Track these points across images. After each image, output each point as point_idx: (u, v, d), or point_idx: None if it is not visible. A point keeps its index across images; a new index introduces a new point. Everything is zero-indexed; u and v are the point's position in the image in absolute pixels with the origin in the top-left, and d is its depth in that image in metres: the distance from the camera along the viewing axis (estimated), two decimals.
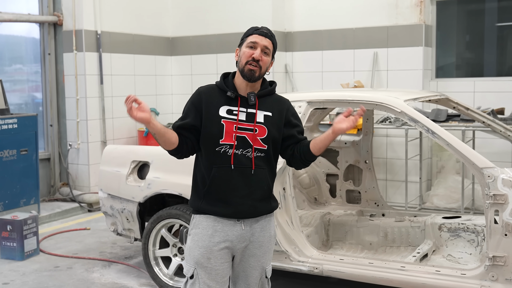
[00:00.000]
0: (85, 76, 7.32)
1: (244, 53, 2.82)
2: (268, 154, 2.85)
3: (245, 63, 2.80)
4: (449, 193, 6.57)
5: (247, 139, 2.80)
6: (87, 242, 5.92)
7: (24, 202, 6.49)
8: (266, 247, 2.91)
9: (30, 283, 4.78)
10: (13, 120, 6.37)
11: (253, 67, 2.79)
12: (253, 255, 2.88)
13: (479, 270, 3.53)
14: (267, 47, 2.82)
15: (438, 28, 7.10)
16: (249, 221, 2.84)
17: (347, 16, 7.29)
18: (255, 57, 2.78)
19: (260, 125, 2.83)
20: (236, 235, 2.82)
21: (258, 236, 2.87)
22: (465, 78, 6.97)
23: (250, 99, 2.83)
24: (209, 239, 2.81)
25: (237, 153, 2.78)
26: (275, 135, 2.86)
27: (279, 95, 3.01)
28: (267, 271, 2.96)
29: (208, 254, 2.80)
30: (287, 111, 2.95)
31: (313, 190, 5.54)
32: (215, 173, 2.79)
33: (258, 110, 2.84)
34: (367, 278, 3.88)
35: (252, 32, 2.85)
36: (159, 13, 8.31)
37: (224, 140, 2.79)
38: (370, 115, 5.32)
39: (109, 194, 4.82)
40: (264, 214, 2.89)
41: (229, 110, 2.82)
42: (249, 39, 2.83)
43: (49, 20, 7.44)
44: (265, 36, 2.83)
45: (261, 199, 2.85)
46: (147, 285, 4.69)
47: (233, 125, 2.80)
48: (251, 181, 2.81)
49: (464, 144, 3.62)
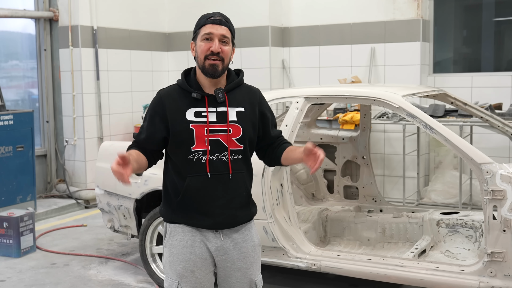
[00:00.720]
0: (81, 72, 7.29)
1: (200, 47, 2.53)
2: (245, 155, 2.61)
3: (204, 58, 2.52)
4: (447, 188, 6.56)
5: (221, 142, 2.54)
6: (84, 239, 5.90)
7: (21, 199, 6.47)
8: (252, 258, 2.66)
9: (26, 280, 4.76)
10: (9, 116, 6.34)
11: (214, 61, 2.51)
12: (239, 269, 2.63)
13: (478, 266, 3.52)
14: (224, 35, 2.53)
15: (435, 23, 7.08)
16: (228, 231, 2.60)
17: (344, 11, 7.27)
18: (214, 50, 2.50)
19: (234, 124, 2.57)
20: (216, 247, 2.59)
21: (240, 247, 2.62)
22: (463, 73, 6.96)
23: (219, 96, 2.55)
24: (189, 251, 2.58)
25: (212, 158, 2.53)
26: (250, 133, 2.62)
27: (248, 85, 2.74)
28: (257, 283, 2.70)
29: (191, 267, 2.58)
30: (260, 104, 2.70)
31: (310, 186, 5.53)
32: (189, 183, 2.54)
33: (229, 108, 2.57)
34: (365, 274, 3.86)
35: (205, 22, 2.54)
36: (155, 8, 8.28)
37: (196, 147, 2.52)
38: (368, 111, 5.30)
39: (105, 190, 4.80)
40: (244, 223, 2.65)
41: (197, 112, 2.54)
42: (202, 30, 2.54)
43: (44, 15, 7.41)
44: (220, 24, 2.53)
45: (240, 206, 2.62)
46: (144, 281, 4.67)
47: (204, 129, 2.52)
48: (229, 189, 2.57)
49: (462, 139, 3.61)
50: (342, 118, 6.39)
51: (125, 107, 7.87)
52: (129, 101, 7.94)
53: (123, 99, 7.85)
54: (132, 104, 7.99)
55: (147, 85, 8.21)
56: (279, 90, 4.81)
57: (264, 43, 7.47)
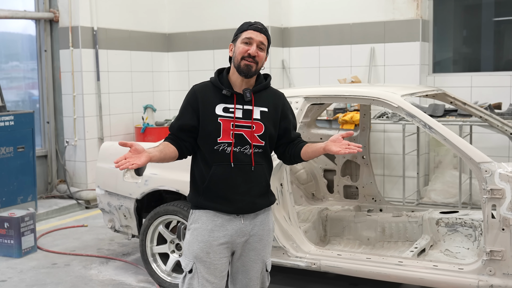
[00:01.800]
0: (82, 72, 7.30)
1: (239, 49, 2.82)
2: (265, 150, 2.88)
3: (240, 58, 2.80)
4: (447, 188, 6.57)
5: (244, 137, 2.82)
6: (84, 239, 5.91)
7: (21, 199, 6.48)
8: (266, 241, 2.94)
9: (27, 280, 4.77)
10: (10, 117, 6.35)
11: (250, 62, 2.79)
12: (254, 249, 2.90)
13: (477, 264, 3.54)
14: (262, 42, 2.83)
15: (435, 23, 7.09)
16: (249, 216, 2.87)
17: (343, 11, 7.28)
18: (251, 53, 2.79)
19: (257, 121, 2.84)
20: (236, 229, 2.84)
21: (258, 230, 2.89)
22: (462, 73, 6.97)
23: (246, 95, 2.83)
24: (208, 234, 2.82)
25: (235, 150, 2.80)
26: (271, 131, 2.89)
27: (274, 89, 3.02)
28: (267, 264, 2.98)
29: (207, 248, 2.81)
30: (283, 106, 2.98)
31: (310, 185, 5.54)
32: (214, 171, 2.81)
33: (254, 107, 2.85)
34: (364, 274, 3.88)
35: (247, 27, 2.84)
36: (155, 9, 8.29)
37: (222, 139, 2.79)
38: (367, 111, 5.31)
39: (106, 191, 4.81)
40: (263, 209, 2.92)
41: (225, 108, 2.83)
42: (244, 34, 2.83)
43: (45, 16, 7.42)
44: (260, 32, 2.83)
45: (259, 195, 2.88)
46: (145, 281, 4.68)
47: (230, 123, 2.80)
48: (250, 178, 2.83)
49: (461, 139, 3.62)
50: (342, 118, 6.41)
51: (125, 107, 7.88)
52: (129, 101, 7.95)
53: (124, 100, 7.87)
54: (133, 105, 8.00)
55: (147, 85, 8.23)
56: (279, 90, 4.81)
57: None
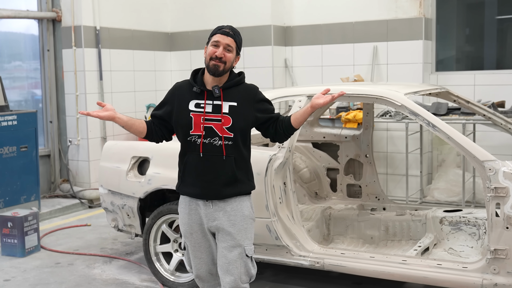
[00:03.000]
0: (84, 72, 7.31)
1: (208, 51, 3.13)
2: (235, 142, 3.14)
3: (209, 59, 3.11)
4: (450, 186, 6.56)
5: (213, 129, 3.12)
6: (88, 238, 5.92)
7: (25, 199, 6.49)
8: (240, 225, 3.16)
9: (31, 280, 4.78)
10: (13, 116, 6.36)
11: (217, 62, 3.09)
12: (228, 234, 3.14)
13: (481, 263, 3.53)
14: (229, 44, 3.12)
15: (438, 21, 7.08)
16: (217, 202, 3.16)
17: (346, 10, 7.27)
18: (217, 55, 3.09)
19: (226, 115, 3.12)
20: (205, 213, 3.17)
21: (229, 216, 3.15)
22: (465, 71, 6.96)
23: (215, 92, 3.12)
24: (187, 216, 3.22)
25: (205, 142, 3.12)
26: (240, 123, 3.14)
27: (247, 84, 3.26)
28: (246, 249, 3.16)
29: (190, 229, 3.23)
30: (255, 98, 3.22)
31: (313, 184, 5.54)
32: (187, 159, 3.18)
33: (223, 102, 3.14)
34: (368, 272, 3.87)
35: (216, 32, 3.15)
36: (157, 8, 8.29)
37: (193, 131, 3.13)
38: (370, 109, 5.30)
39: (109, 190, 4.81)
40: (232, 197, 3.16)
41: (197, 103, 3.15)
42: (213, 38, 3.14)
43: (47, 16, 7.42)
44: (227, 35, 3.12)
45: (226, 183, 3.14)
46: (148, 280, 4.69)
47: (201, 117, 3.12)
48: (217, 167, 3.12)
49: (464, 137, 3.62)
50: (345, 117, 6.40)
51: (128, 107, 7.88)
52: (132, 101, 7.96)
53: (126, 99, 7.87)
54: (135, 104, 8.00)
55: (150, 85, 8.23)
56: (282, 89, 4.82)
57: (267, 42, 7.48)
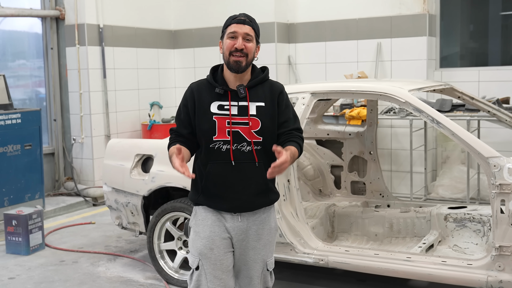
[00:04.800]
0: (88, 70, 7.31)
1: (226, 45, 2.77)
2: (264, 146, 2.79)
3: (229, 54, 2.75)
4: (455, 183, 6.54)
5: (241, 134, 2.76)
6: (92, 236, 5.93)
7: (29, 197, 6.50)
8: (266, 240, 2.88)
9: (36, 278, 4.79)
10: (17, 115, 6.37)
11: (238, 57, 2.74)
12: (253, 248, 2.85)
13: (486, 260, 3.52)
14: (248, 33, 2.76)
15: (442, 18, 7.05)
16: (246, 215, 2.82)
17: (350, 7, 7.25)
18: (237, 47, 2.73)
19: (253, 117, 2.78)
20: (233, 227, 2.81)
21: (256, 229, 2.84)
22: (470, 68, 6.94)
23: (240, 92, 2.77)
24: (209, 229, 2.81)
25: (233, 148, 2.75)
26: (269, 126, 2.81)
27: (272, 81, 2.94)
28: (268, 263, 2.91)
29: (210, 244, 2.79)
30: (279, 96, 2.88)
31: (317, 181, 5.53)
32: (210, 169, 2.78)
33: (250, 102, 2.79)
34: (372, 269, 3.86)
35: (230, 22, 2.79)
36: (161, 6, 8.29)
37: (217, 137, 2.75)
38: (374, 106, 5.29)
39: (113, 188, 4.81)
40: (262, 207, 2.86)
41: (220, 105, 2.78)
42: (228, 29, 2.78)
43: (51, 14, 7.43)
44: (244, 23, 2.76)
45: (257, 193, 2.81)
46: (152, 278, 4.69)
47: (226, 121, 2.75)
48: (248, 176, 2.78)
49: (469, 133, 3.60)
50: (349, 114, 6.39)
51: (132, 104, 7.89)
52: (135, 98, 7.96)
53: (130, 97, 7.87)
54: (139, 102, 8.01)
55: (153, 82, 8.23)
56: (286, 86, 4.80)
57: (270, 39, 7.47)
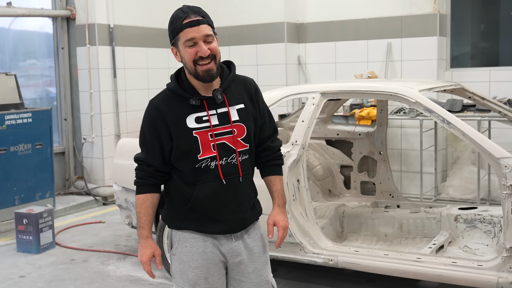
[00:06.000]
0: (98, 70, 7.34)
1: (187, 54, 2.37)
2: (251, 154, 2.52)
3: (193, 63, 2.37)
4: (465, 184, 6.51)
5: (227, 144, 2.42)
6: (102, 235, 5.95)
7: (40, 195, 6.53)
8: (264, 258, 2.59)
9: (46, 276, 4.81)
10: (28, 114, 6.41)
11: (206, 65, 2.36)
12: (254, 271, 2.53)
13: (496, 261, 3.50)
14: (207, 34, 2.37)
15: (452, 18, 7.02)
16: (239, 233, 2.51)
17: (359, 6, 7.23)
18: (203, 55, 2.35)
19: (237, 123, 2.44)
20: (228, 249, 2.49)
21: (252, 248, 2.54)
22: (481, 68, 6.90)
23: (218, 98, 2.40)
24: (201, 257, 2.46)
25: (222, 163, 2.41)
26: (253, 129, 2.51)
27: (241, 77, 2.58)
28: (273, 284, 2.62)
29: (204, 274, 2.46)
30: (256, 94, 2.56)
31: (327, 181, 5.52)
32: (199, 190, 2.42)
33: (229, 107, 2.44)
34: (382, 270, 3.85)
35: (181, 27, 2.37)
36: (170, 6, 8.18)
37: (203, 155, 2.39)
38: (384, 106, 5.27)
39: (123, 187, 4.83)
40: (252, 222, 2.58)
41: (198, 118, 2.40)
42: (182, 37, 2.38)
43: (62, 14, 7.47)
44: (199, 24, 2.36)
45: (250, 208, 2.55)
46: (162, 277, 4.70)
47: (208, 134, 2.39)
48: (240, 192, 2.47)
49: (480, 133, 3.58)
50: (359, 114, 6.37)
51: (141, 104, 7.89)
52: (145, 98, 7.97)
53: (140, 97, 7.90)
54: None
55: (163, 82, 8.14)
56: (295, 86, 4.80)
57: (280, 39, 7.46)
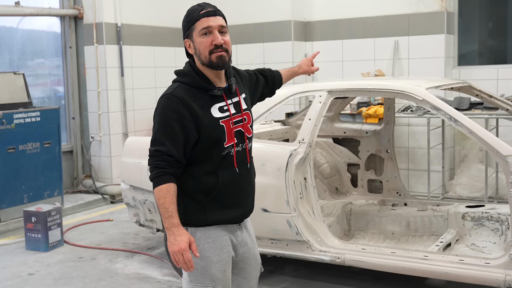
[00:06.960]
0: (106, 68, 7.37)
1: (202, 44, 2.48)
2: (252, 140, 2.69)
3: (209, 53, 2.47)
4: (472, 182, 6.49)
5: (242, 132, 2.57)
6: (110, 233, 5.98)
7: (48, 194, 6.57)
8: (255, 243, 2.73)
9: (54, 274, 4.84)
10: (36, 113, 6.44)
11: (220, 53, 2.47)
12: (253, 257, 2.69)
13: (504, 259, 3.49)
14: (222, 25, 2.50)
15: (460, 15, 7.00)
16: (243, 222, 2.64)
17: (367, 4, 7.22)
18: (217, 43, 2.45)
19: (246, 111, 2.62)
20: (239, 240, 2.61)
21: (251, 235, 2.69)
22: (488, 66, 6.88)
23: (233, 88, 2.56)
24: (222, 251, 2.54)
25: (238, 150, 2.54)
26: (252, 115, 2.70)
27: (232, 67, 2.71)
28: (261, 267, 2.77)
29: (223, 267, 2.54)
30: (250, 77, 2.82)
31: (334, 180, 5.52)
32: (223, 178, 2.50)
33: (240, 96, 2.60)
34: (389, 268, 3.86)
35: (198, 16, 2.51)
36: (178, 5, 8.32)
37: (228, 142, 2.50)
38: (392, 104, 5.27)
39: (131, 185, 4.85)
40: None
41: (220, 107, 2.51)
42: (198, 25, 2.49)
43: (69, 13, 7.50)
44: (215, 15, 2.50)
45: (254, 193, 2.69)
46: (169, 275, 4.72)
47: (230, 122, 2.51)
48: (249, 176, 2.62)
49: (487, 131, 3.58)
50: (366, 112, 6.37)
51: (149, 103, 7.93)
52: (153, 97, 8.00)
53: (147, 95, 7.92)
54: (156, 100, 7.96)
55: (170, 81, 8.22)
56: (302, 84, 4.81)
57: (287, 37, 7.47)
